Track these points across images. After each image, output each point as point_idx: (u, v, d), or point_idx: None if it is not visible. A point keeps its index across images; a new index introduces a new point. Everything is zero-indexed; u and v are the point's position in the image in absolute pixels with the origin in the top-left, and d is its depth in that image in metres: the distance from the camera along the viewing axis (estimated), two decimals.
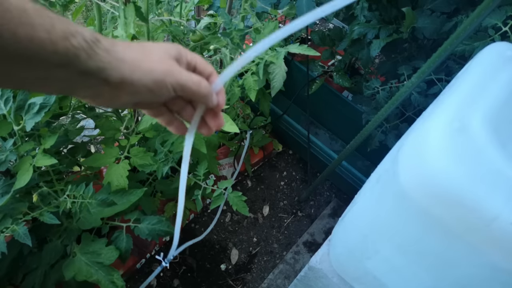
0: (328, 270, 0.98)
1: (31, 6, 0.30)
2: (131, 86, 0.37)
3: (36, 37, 0.29)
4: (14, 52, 0.29)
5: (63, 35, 0.31)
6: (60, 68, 0.32)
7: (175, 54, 0.41)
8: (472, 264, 0.55)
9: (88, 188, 0.99)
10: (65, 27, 0.31)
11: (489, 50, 0.66)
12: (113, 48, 0.35)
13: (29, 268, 1.07)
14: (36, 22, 0.29)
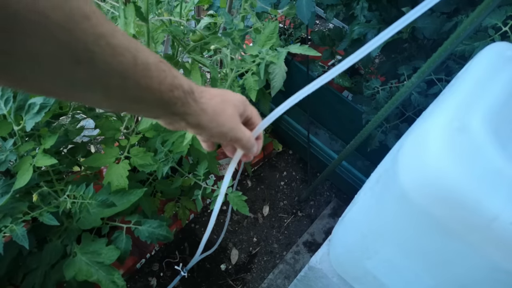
0: (328, 270, 0.97)
1: (152, 61, 0.37)
2: (202, 130, 0.47)
3: (151, 87, 0.37)
4: (132, 95, 0.37)
5: (169, 88, 0.39)
6: (159, 108, 0.41)
7: (241, 111, 0.52)
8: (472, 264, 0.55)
9: (88, 188, 1.00)
10: (172, 80, 0.40)
11: (489, 50, 0.66)
12: (200, 99, 0.45)
13: (29, 268, 1.07)
14: (154, 75, 0.37)
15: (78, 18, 0.29)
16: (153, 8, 1.00)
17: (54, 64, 0.30)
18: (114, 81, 0.34)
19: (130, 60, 0.34)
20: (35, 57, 0.29)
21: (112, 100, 0.37)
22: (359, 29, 1.24)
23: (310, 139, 1.66)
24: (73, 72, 0.31)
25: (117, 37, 0.33)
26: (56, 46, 0.29)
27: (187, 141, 1.00)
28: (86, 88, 0.34)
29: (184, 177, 1.29)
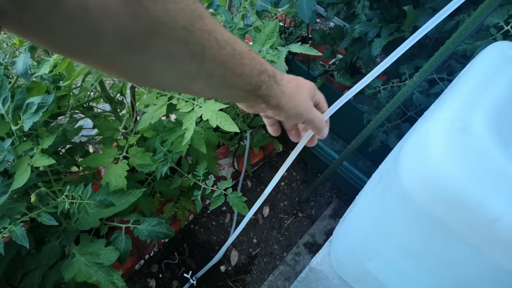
0: (329, 271, 0.97)
1: (245, 50, 0.42)
2: (281, 110, 0.51)
3: (243, 73, 0.42)
4: (228, 83, 0.42)
5: (258, 73, 0.44)
6: (245, 91, 0.45)
7: (312, 94, 0.56)
8: (473, 264, 0.55)
9: (87, 189, 0.99)
10: (260, 66, 0.45)
11: (491, 49, 0.66)
12: (281, 82, 0.50)
13: (27, 269, 1.06)
14: (246, 63, 0.42)
15: (195, 19, 0.35)
16: None
17: (177, 61, 0.36)
18: (216, 71, 0.40)
19: (230, 52, 0.39)
20: (167, 57, 0.35)
21: (211, 87, 0.42)
22: (360, 28, 1.23)
23: None
24: (188, 65, 0.37)
25: (220, 32, 0.38)
26: (182, 44, 0.34)
27: (186, 141, 1.00)
28: (192, 79, 0.39)
29: (183, 178, 1.28)
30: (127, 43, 0.31)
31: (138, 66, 0.34)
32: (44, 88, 1.04)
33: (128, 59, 0.33)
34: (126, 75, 0.37)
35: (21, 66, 0.93)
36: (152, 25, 0.31)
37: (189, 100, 1.02)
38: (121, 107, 1.30)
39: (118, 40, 0.31)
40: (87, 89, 1.16)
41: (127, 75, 0.37)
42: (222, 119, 0.97)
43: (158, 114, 1.04)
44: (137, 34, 0.31)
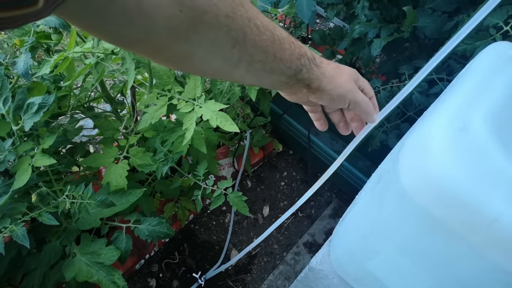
0: (328, 271, 0.97)
1: (284, 35, 0.43)
2: (322, 93, 0.50)
3: (284, 58, 0.43)
4: (269, 67, 0.43)
5: (297, 56, 0.45)
6: (286, 76, 0.46)
7: (355, 78, 0.55)
8: (473, 264, 0.55)
9: (87, 189, 0.99)
10: (299, 50, 0.45)
11: (491, 50, 0.66)
12: (321, 64, 0.49)
13: (28, 269, 1.06)
14: (286, 48, 0.43)
15: (236, 6, 0.36)
16: None
17: (220, 47, 0.37)
18: (257, 57, 0.41)
19: (270, 37, 0.41)
20: (212, 43, 0.36)
21: (252, 73, 0.43)
22: (359, 28, 1.23)
23: (310, 139, 1.65)
24: (230, 51, 0.38)
25: (260, 19, 0.40)
26: (225, 31, 0.36)
27: (186, 141, 1.00)
28: (235, 65, 0.41)
29: (183, 177, 1.28)
30: (175, 32, 0.34)
31: (185, 53, 0.37)
32: (45, 88, 1.04)
33: (176, 46, 0.35)
34: (173, 62, 0.39)
35: (22, 66, 0.93)
36: (197, 14, 0.33)
37: (189, 100, 1.02)
38: (122, 107, 1.31)
39: (168, 29, 0.33)
40: (87, 89, 1.16)
41: (174, 62, 0.39)
42: (222, 119, 0.97)
43: (159, 114, 1.04)
44: (184, 23, 0.33)
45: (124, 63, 0.92)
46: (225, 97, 1.18)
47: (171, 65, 0.40)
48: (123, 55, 0.91)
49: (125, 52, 0.91)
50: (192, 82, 1.03)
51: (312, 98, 0.52)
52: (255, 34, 0.39)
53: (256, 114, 1.71)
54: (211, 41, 0.36)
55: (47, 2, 0.25)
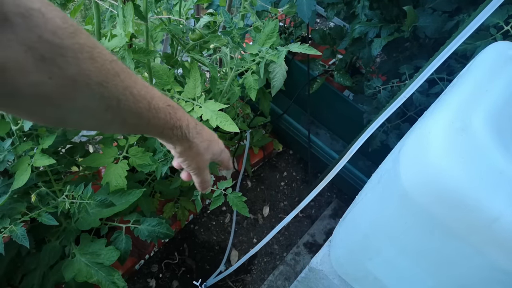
0: (328, 271, 0.97)
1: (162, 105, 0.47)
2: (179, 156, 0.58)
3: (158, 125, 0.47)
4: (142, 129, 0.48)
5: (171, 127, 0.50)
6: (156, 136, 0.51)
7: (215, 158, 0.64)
8: (473, 264, 0.55)
9: (87, 189, 0.99)
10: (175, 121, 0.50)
11: (491, 50, 0.66)
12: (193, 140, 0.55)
13: (27, 269, 1.06)
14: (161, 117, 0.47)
15: (111, 76, 0.38)
16: (152, 6, 0.99)
17: (92, 111, 0.39)
18: (131, 120, 0.44)
19: (146, 106, 0.44)
20: (84, 108, 0.38)
21: (125, 129, 0.46)
22: (360, 28, 1.23)
23: (310, 139, 1.65)
24: (103, 114, 0.40)
25: (137, 88, 0.42)
26: (98, 98, 0.38)
27: None
28: (109, 124, 0.43)
29: None
30: (45, 99, 0.34)
31: (57, 117, 0.38)
32: None
33: (47, 112, 0.36)
34: (48, 123, 0.40)
35: None
36: (67, 82, 0.34)
37: (189, 100, 1.02)
38: None
39: (35, 96, 0.33)
40: None
41: (48, 123, 0.40)
42: (222, 119, 0.97)
43: None
44: (52, 90, 0.34)
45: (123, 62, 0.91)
46: (225, 97, 1.17)
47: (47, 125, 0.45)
48: (123, 55, 0.91)
49: (125, 52, 0.91)
50: (192, 82, 1.03)
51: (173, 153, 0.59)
52: (131, 101, 0.41)
53: (256, 114, 1.71)
54: (83, 107, 0.38)
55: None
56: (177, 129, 0.51)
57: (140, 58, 0.96)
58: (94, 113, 0.39)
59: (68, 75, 0.34)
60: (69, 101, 0.36)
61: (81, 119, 0.40)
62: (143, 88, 0.43)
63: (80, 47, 0.35)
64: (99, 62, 0.36)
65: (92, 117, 0.40)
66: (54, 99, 0.35)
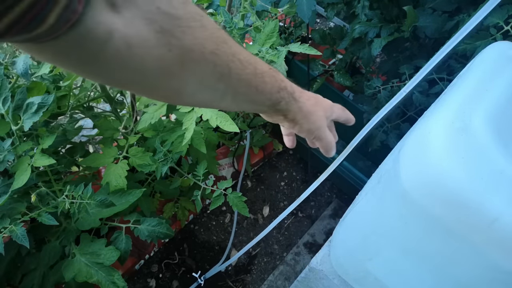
0: (328, 271, 0.97)
1: (266, 69, 0.46)
2: (295, 123, 0.56)
3: (265, 90, 0.47)
4: (251, 98, 0.47)
5: (277, 90, 0.48)
6: (266, 106, 0.50)
7: (328, 114, 0.60)
8: (473, 264, 0.55)
9: (87, 189, 0.99)
10: (279, 83, 0.49)
11: (491, 49, 0.66)
12: (300, 99, 0.53)
13: (27, 269, 1.06)
14: (267, 81, 0.46)
15: (220, 43, 0.39)
16: None
17: (208, 81, 0.40)
18: (241, 89, 0.44)
19: (252, 71, 0.44)
20: (200, 78, 0.39)
21: (236, 102, 0.46)
22: (360, 28, 1.23)
23: None
24: (217, 85, 0.41)
25: (243, 54, 0.42)
26: (211, 67, 0.38)
27: (186, 141, 1.00)
28: (221, 96, 0.43)
29: (183, 178, 1.28)
30: (166, 71, 0.35)
31: (176, 90, 0.39)
32: (44, 88, 1.04)
33: (167, 84, 0.37)
34: (166, 98, 0.42)
35: (21, 66, 0.93)
36: (185, 52, 0.35)
37: None
38: (121, 107, 1.30)
39: (159, 69, 0.35)
40: (87, 89, 1.16)
41: (167, 98, 0.42)
42: (222, 119, 0.97)
43: (158, 114, 1.04)
44: (173, 62, 0.35)
45: None
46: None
47: (164, 100, 0.43)
48: None
49: None
50: None
51: (285, 125, 0.58)
52: (239, 68, 0.42)
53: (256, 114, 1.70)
54: (200, 77, 0.39)
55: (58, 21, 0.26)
56: (283, 91, 0.50)
57: None
58: (209, 84, 0.40)
59: (185, 45, 0.35)
60: (188, 72, 0.37)
61: (196, 91, 0.40)
62: (247, 54, 0.44)
63: (191, 16, 0.35)
64: (209, 30, 0.37)
65: (206, 89, 0.41)
66: (175, 71, 0.36)
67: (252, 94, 0.46)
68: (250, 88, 0.45)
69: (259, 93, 0.46)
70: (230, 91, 0.43)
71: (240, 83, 0.43)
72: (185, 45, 0.35)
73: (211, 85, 0.40)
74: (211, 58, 0.38)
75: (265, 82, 0.46)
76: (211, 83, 0.40)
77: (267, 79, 0.46)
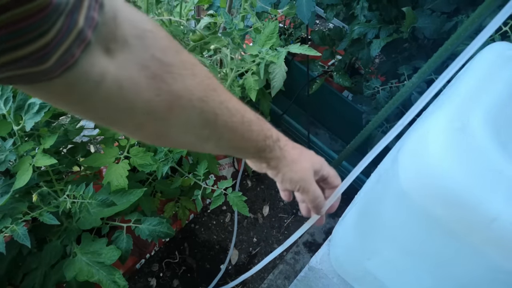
0: (328, 270, 0.97)
1: (253, 118, 0.47)
2: (277, 172, 0.55)
3: (251, 138, 0.47)
4: (236, 145, 0.47)
5: (263, 138, 0.49)
6: (252, 154, 0.51)
7: (316, 167, 0.58)
8: (472, 264, 0.55)
9: (88, 188, 0.99)
10: (266, 132, 0.50)
11: (489, 50, 0.66)
12: (284, 147, 0.54)
13: (29, 268, 1.06)
14: (254, 129, 0.47)
15: (209, 91, 0.40)
16: (153, 8, 1.00)
17: (192, 126, 0.40)
18: (226, 135, 0.44)
19: (240, 119, 0.44)
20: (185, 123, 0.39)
21: (220, 147, 0.46)
22: (359, 29, 1.23)
23: (310, 139, 1.66)
24: (201, 130, 0.41)
25: (231, 102, 0.43)
26: (198, 113, 0.39)
27: None
28: (205, 141, 0.43)
29: (184, 177, 1.28)
30: (153, 114, 0.36)
31: (161, 132, 0.40)
32: None
33: (153, 126, 0.38)
34: (149, 139, 0.42)
35: None
36: (173, 98, 0.36)
37: None
38: None
39: (146, 112, 0.36)
40: None
41: (150, 139, 0.42)
42: None
43: None
44: (161, 106, 0.36)
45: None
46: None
47: (148, 141, 0.44)
48: None
49: None
50: None
51: (268, 173, 0.57)
52: (226, 116, 0.42)
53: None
54: (185, 122, 0.39)
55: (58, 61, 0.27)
56: (269, 139, 0.51)
57: None
58: (194, 129, 0.41)
59: (174, 91, 0.36)
60: (174, 116, 0.38)
61: (180, 134, 0.41)
62: (236, 102, 0.44)
63: (183, 64, 0.37)
64: (199, 78, 0.38)
65: (191, 133, 0.41)
66: (162, 115, 0.37)
67: (237, 141, 0.47)
68: (236, 135, 0.45)
69: (245, 141, 0.47)
70: (215, 137, 0.44)
71: (226, 129, 0.44)
72: (174, 91, 0.36)
73: (196, 129, 0.41)
74: (198, 105, 0.39)
75: (252, 130, 0.47)
76: (197, 128, 0.41)
77: (254, 128, 0.47)
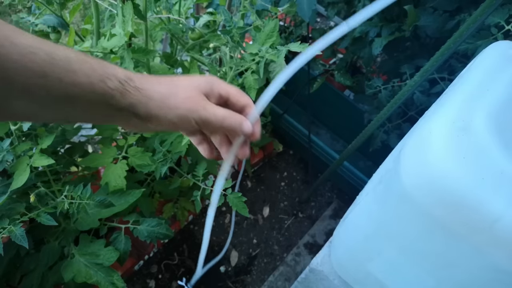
0: (329, 272, 0.97)
1: (74, 55, 0.37)
2: (157, 120, 0.42)
3: (78, 81, 0.36)
4: (61, 94, 0.36)
5: (100, 78, 0.38)
6: (99, 105, 0.39)
7: (205, 89, 0.45)
8: (475, 265, 0.55)
9: (86, 189, 0.98)
10: (103, 71, 0.38)
11: (492, 49, 0.66)
12: (144, 86, 0.41)
13: (26, 270, 1.06)
14: (77, 68, 0.36)
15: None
16: (151, 6, 0.99)
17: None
18: (32, 81, 0.34)
19: (44, 57, 0.34)
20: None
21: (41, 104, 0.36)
22: (360, 27, 1.22)
23: (311, 139, 1.65)
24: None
25: (25, 38, 0.34)
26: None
27: (185, 141, 0.99)
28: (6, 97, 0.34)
29: (182, 178, 1.27)
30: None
31: None
32: None
33: None
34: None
35: None
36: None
37: None
38: None
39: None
40: None
41: None
42: None
43: None
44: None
45: (123, 62, 0.91)
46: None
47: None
48: (122, 54, 0.91)
49: (124, 51, 0.91)
50: None
51: (152, 128, 0.44)
52: (15, 54, 0.33)
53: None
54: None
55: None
56: (110, 80, 0.39)
57: (139, 58, 0.96)
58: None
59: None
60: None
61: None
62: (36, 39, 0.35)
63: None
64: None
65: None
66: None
67: (57, 89, 0.36)
68: (48, 79, 0.35)
69: (70, 86, 0.36)
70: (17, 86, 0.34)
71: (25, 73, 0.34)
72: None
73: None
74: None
75: (74, 70, 0.36)
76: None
77: (76, 66, 0.36)
